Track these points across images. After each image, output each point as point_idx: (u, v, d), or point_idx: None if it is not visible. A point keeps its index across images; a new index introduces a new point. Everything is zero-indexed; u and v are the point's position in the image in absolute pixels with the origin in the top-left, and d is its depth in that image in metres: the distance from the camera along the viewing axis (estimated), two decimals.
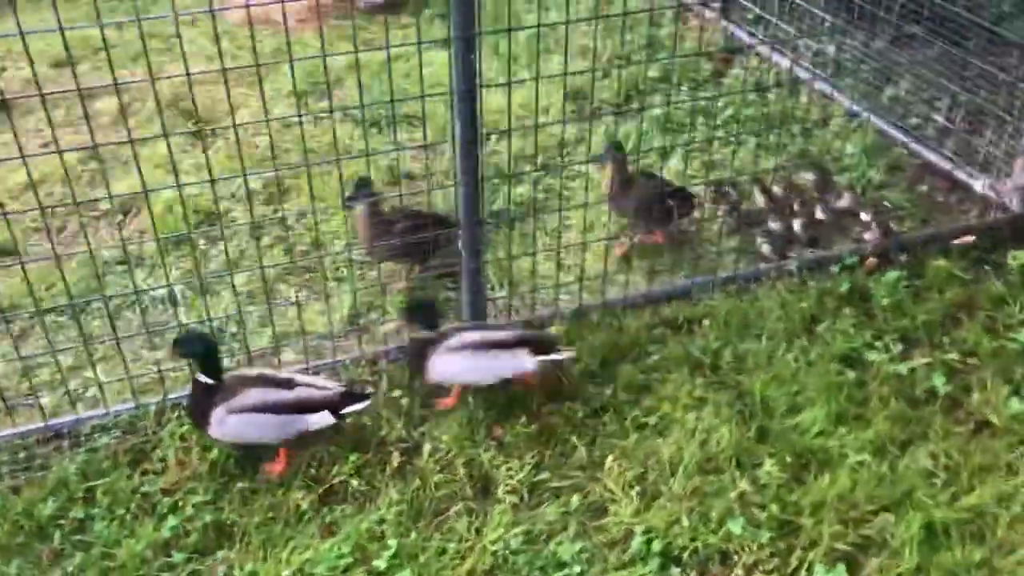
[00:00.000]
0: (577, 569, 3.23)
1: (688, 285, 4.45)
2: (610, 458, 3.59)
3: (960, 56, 5.18)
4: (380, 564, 3.20)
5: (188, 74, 3.28)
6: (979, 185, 5.01)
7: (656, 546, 3.26)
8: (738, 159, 5.45)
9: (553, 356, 3.74)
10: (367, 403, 3.60)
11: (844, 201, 4.92)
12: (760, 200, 4.97)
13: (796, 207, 4.87)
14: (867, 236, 4.69)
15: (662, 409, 3.79)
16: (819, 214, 4.86)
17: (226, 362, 4.09)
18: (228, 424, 3.43)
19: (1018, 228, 4.82)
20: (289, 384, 3.55)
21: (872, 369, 4.00)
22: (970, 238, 4.71)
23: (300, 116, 3.76)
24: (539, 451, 3.64)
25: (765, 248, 4.66)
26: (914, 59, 5.53)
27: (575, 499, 3.46)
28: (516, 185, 5.28)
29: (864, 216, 4.77)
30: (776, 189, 5.02)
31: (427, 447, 3.64)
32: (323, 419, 3.53)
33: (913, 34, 5.55)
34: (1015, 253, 4.59)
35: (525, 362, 3.69)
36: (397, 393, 3.85)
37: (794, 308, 4.29)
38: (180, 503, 3.44)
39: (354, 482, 3.52)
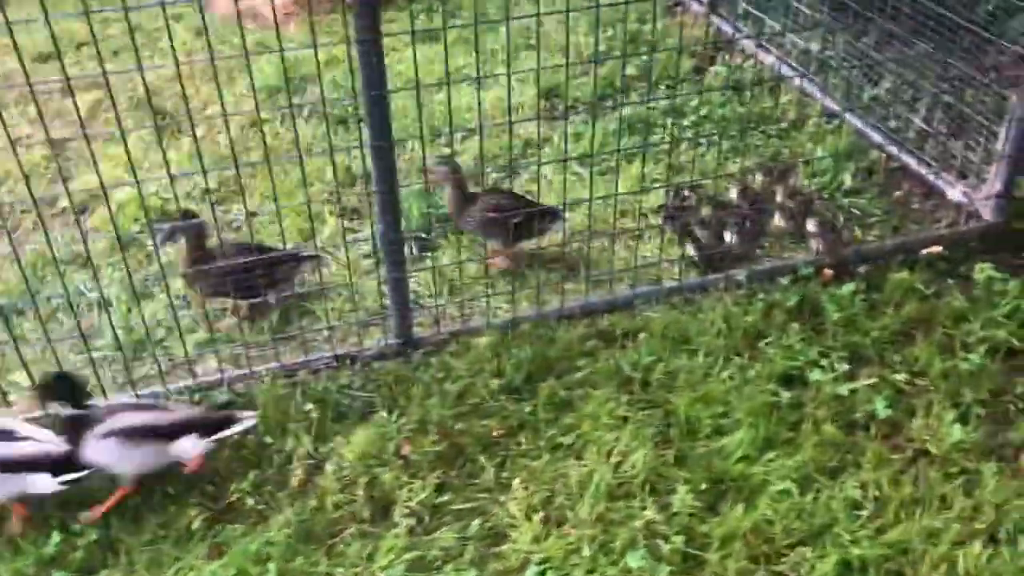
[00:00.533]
0: None
1: (630, 296, 4.26)
2: (518, 480, 3.43)
3: (941, 56, 4.89)
4: None
5: (158, 67, 3.18)
6: (953, 192, 4.74)
7: None
8: (705, 162, 5.25)
9: (224, 433, 3.45)
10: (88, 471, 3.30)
11: (788, 207, 4.66)
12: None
13: (731, 215, 4.62)
14: (812, 244, 4.46)
15: (581, 428, 3.62)
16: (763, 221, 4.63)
17: (146, 369, 4.02)
18: None
19: (989, 238, 4.55)
20: (10, 436, 3.27)
21: (812, 389, 3.78)
22: (938, 248, 4.46)
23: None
24: (445, 471, 3.49)
25: (695, 257, 4.45)
26: (896, 58, 5.23)
27: (475, 524, 3.31)
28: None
29: (811, 226, 4.51)
30: (733, 194, 4.80)
31: (331, 465, 3.51)
32: (42, 483, 3.25)
33: (894, 32, 5.26)
34: (981, 266, 4.32)
35: (190, 447, 3.39)
36: (309, 407, 3.72)
37: (739, 322, 4.08)
38: (71, 519, 3.36)
39: (250, 500, 3.41)
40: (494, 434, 3.62)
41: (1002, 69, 4.52)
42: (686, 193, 4.84)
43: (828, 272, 4.33)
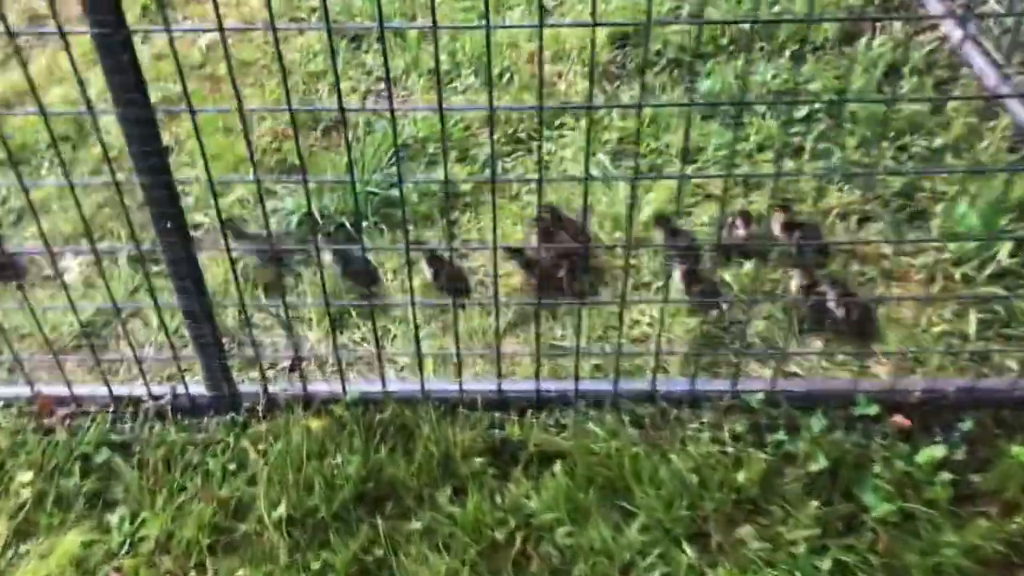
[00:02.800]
0: None
1: (569, 391, 2.72)
2: None
3: None
4: None
5: None
6: None
7: None
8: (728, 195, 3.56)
9: None
10: None
11: None
12: None
13: None
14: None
15: None
16: None
17: None
18: None
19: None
20: None
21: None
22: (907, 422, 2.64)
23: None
24: None
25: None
26: None
27: None
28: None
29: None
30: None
31: None
32: None
33: None
34: (931, 450, 2.51)
35: None
36: (26, 478, 2.53)
37: (729, 478, 2.51)
38: None
39: None
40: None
41: None
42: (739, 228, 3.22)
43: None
